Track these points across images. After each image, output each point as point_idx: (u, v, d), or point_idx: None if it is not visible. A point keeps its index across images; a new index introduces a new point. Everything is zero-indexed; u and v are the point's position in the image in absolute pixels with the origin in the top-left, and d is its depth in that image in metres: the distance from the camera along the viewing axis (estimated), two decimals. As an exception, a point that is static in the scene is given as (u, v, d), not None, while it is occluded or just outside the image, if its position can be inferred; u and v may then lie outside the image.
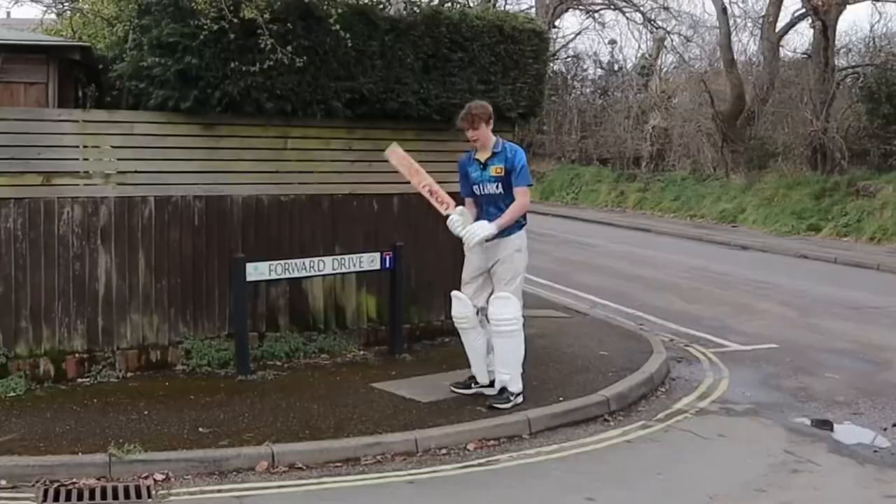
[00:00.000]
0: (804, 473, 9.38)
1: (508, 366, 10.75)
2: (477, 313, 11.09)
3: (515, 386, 10.79)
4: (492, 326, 10.86)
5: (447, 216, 11.10)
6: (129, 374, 12.14)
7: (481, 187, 11.14)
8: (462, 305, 11.11)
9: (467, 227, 10.89)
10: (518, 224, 11.08)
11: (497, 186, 11.00)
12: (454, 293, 11.29)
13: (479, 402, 10.89)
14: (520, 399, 10.76)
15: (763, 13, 39.14)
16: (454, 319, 11.23)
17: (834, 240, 29.45)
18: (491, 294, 11.03)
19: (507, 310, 10.72)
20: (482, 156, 11.11)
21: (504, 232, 10.90)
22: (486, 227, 10.79)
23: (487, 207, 11.10)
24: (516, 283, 11.04)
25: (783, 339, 15.51)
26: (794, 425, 10.96)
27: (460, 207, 11.17)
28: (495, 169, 10.97)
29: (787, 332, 16.05)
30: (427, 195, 11.36)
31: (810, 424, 11.05)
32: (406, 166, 11.63)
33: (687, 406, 11.67)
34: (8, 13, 23.18)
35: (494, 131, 14.12)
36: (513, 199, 10.94)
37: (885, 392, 12.38)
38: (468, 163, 11.34)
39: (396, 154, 11.67)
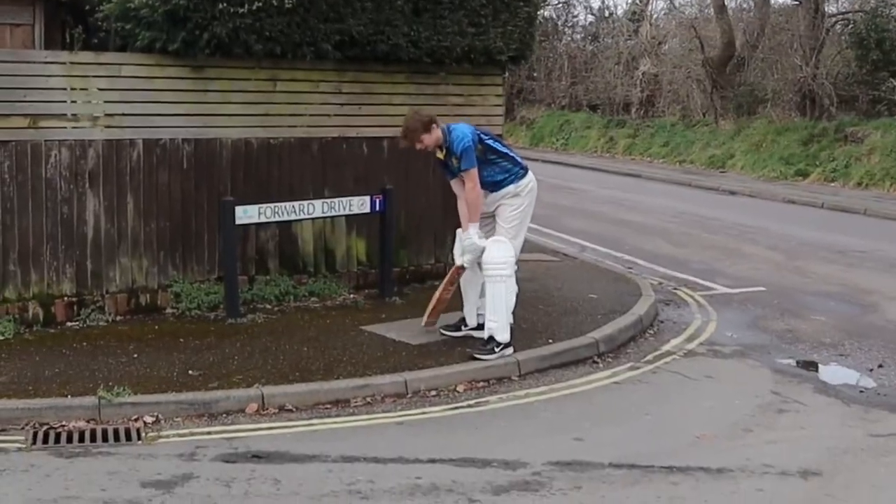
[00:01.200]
0: (790, 413, 9.43)
1: (497, 313, 10.50)
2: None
3: (502, 335, 10.53)
4: (483, 270, 10.69)
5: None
6: (119, 318, 12.11)
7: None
8: (506, 249, 10.74)
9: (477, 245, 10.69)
10: (515, 173, 10.88)
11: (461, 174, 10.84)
12: (458, 230, 11.08)
13: (469, 344, 10.85)
14: (508, 351, 10.57)
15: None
16: (489, 264, 10.57)
17: (821, 185, 29.44)
18: None
19: (498, 253, 10.52)
20: (441, 155, 10.92)
21: (502, 185, 10.79)
22: (472, 238, 10.65)
23: (486, 188, 10.80)
24: (512, 226, 10.84)
25: (770, 282, 15.53)
26: (781, 366, 10.99)
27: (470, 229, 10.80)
28: (455, 160, 10.69)
29: (774, 276, 16.07)
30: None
31: (796, 365, 11.10)
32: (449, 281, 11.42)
33: (675, 348, 11.68)
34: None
35: (484, 74, 14.11)
36: (493, 170, 10.81)
37: (871, 334, 12.43)
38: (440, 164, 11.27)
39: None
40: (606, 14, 52.17)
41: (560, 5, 52.17)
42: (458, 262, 11.00)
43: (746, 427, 8.99)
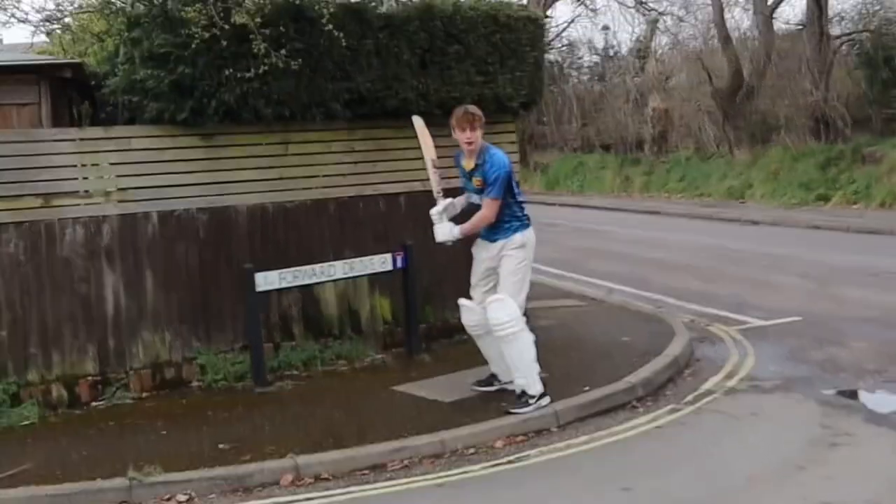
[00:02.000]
0: (842, 446, 9.16)
1: (520, 370, 10.33)
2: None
3: (534, 389, 10.31)
4: (494, 333, 10.42)
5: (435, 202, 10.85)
6: (145, 394, 12.03)
7: (469, 196, 10.95)
8: (470, 313, 10.85)
9: (440, 223, 10.65)
10: (521, 223, 10.72)
11: (480, 198, 10.65)
12: (461, 301, 11.00)
13: (504, 398, 10.69)
14: (545, 401, 10.32)
15: (755, -14, 39.01)
16: (465, 327, 10.89)
17: (844, 208, 29.28)
18: None
19: (501, 313, 10.24)
20: (468, 164, 10.73)
21: (507, 231, 10.61)
22: (450, 232, 10.60)
23: (495, 234, 10.73)
24: (516, 279, 10.60)
25: (805, 311, 15.29)
26: (826, 398, 10.75)
27: (448, 200, 10.86)
28: (476, 181, 10.60)
29: (807, 304, 15.83)
30: (430, 170, 11.10)
31: (842, 395, 10.86)
32: (423, 135, 11.40)
33: (715, 386, 11.47)
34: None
35: (496, 122, 14.02)
36: (505, 213, 10.66)
37: (915, 356, 12.21)
38: (458, 163, 11.01)
39: (418, 122, 11.51)
40: (611, 53, 52.44)
41: (564, 48, 52.43)
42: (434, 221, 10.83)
43: (799, 464, 8.74)
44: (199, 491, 8.76)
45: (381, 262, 12.94)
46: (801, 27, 38.44)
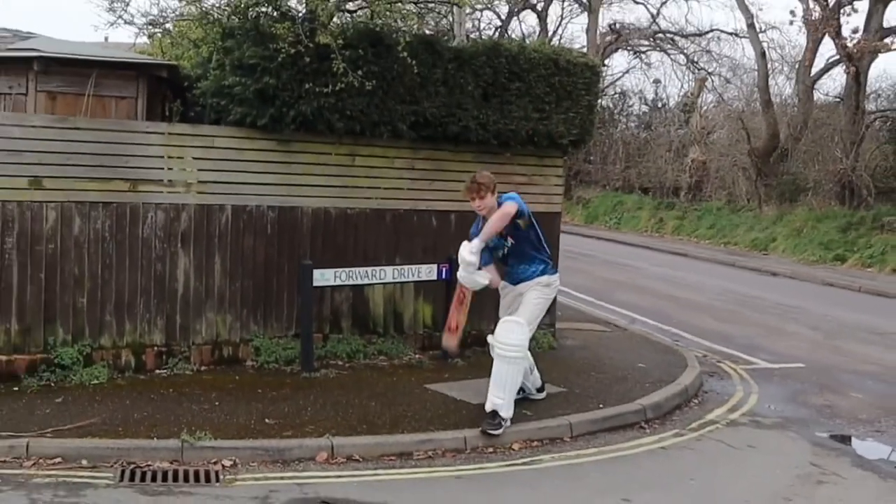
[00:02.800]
0: (829, 485, 9.22)
1: (504, 390, 9.93)
2: None
3: (507, 412, 9.95)
4: (496, 349, 10.05)
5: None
6: (203, 368, 12.19)
7: (497, 252, 10.53)
8: (522, 332, 10.15)
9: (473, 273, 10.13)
10: (547, 265, 10.58)
11: (507, 240, 10.32)
12: (490, 339, 10.35)
13: (525, 405, 10.77)
14: (508, 423, 9.96)
15: (799, 58, 38.88)
16: (503, 345, 9.98)
17: (858, 270, 29.05)
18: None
19: (514, 335, 9.97)
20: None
21: (532, 275, 10.40)
22: (471, 244, 9.98)
23: (512, 263, 10.58)
24: (536, 308, 10.39)
25: (810, 359, 15.29)
26: (819, 439, 10.78)
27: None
28: (503, 233, 10.23)
29: (813, 353, 15.81)
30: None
31: (834, 439, 10.89)
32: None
33: (718, 417, 11.51)
34: (105, 37, 23.43)
35: (546, 156, 14.09)
36: (527, 247, 10.43)
37: (907, 412, 12.20)
38: (476, 231, 10.41)
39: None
40: (660, 105, 52.29)
41: (616, 95, 52.38)
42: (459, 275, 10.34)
43: (786, 497, 8.79)
44: (243, 459, 8.90)
45: (428, 272, 13.09)
46: (838, 100, 38.24)
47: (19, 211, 11.15)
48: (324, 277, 12.24)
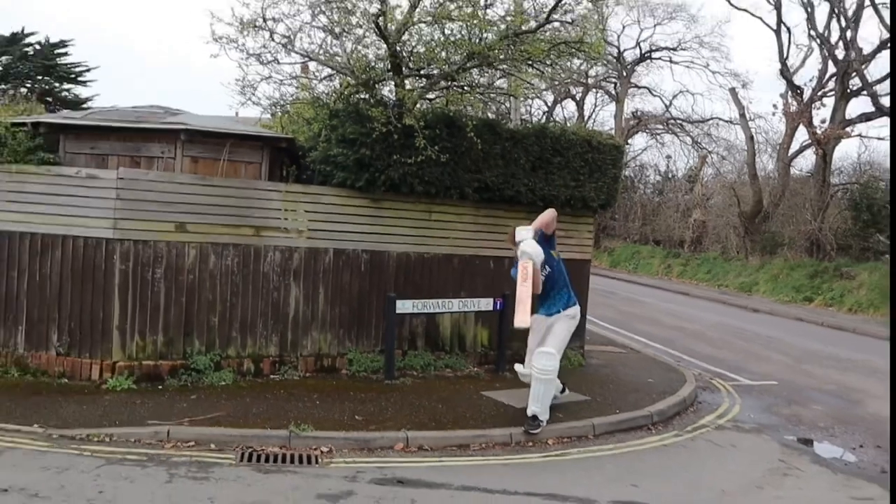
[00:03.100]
0: (792, 477, 9.11)
1: (539, 402, 9.92)
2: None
3: (544, 416, 9.97)
4: (534, 372, 9.99)
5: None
6: (307, 375, 12.13)
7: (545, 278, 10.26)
8: (524, 378, 10.35)
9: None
10: (571, 299, 10.44)
11: (545, 268, 10.11)
12: (517, 367, 10.51)
13: (558, 409, 10.64)
14: (545, 424, 9.92)
15: (780, 141, 38.52)
16: (539, 370, 9.92)
17: (822, 309, 28.52)
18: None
19: (549, 363, 9.91)
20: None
21: (562, 306, 10.30)
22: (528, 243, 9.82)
23: (548, 289, 10.27)
24: (563, 337, 10.32)
25: (782, 378, 15.00)
26: (787, 441, 10.64)
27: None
28: (521, 264, 9.84)
29: (785, 374, 15.50)
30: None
31: (798, 441, 10.73)
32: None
33: (708, 423, 11.34)
34: (236, 112, 23.70)
35: (581, 216, 13.91)
36: (559, 278, 10.33)
37: (856, 422, 11.93)
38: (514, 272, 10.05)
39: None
40: (670, 176, 51.97)
41: (636, 167, 52.11)
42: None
43: (759, 485, 8.71)
44: (337, 446, 8.86)
45: (486, 304, 12.97)
46: (809, 174, 37.77)
47: (167, 249, 11.19)
48: (404, 306, 12.19)
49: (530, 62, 12.39)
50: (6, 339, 11.13)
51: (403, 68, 12.29)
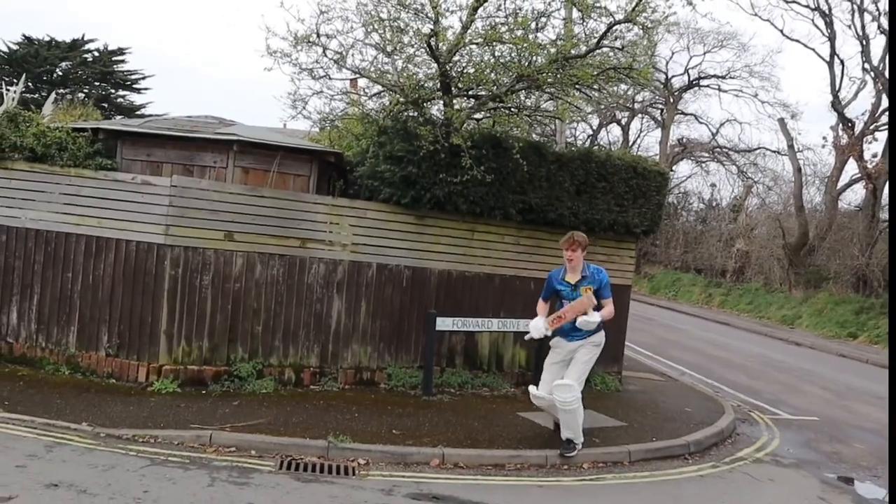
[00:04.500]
0: (833, 516, 9.04)
1: (571, 429, 9.84)
2: (551, 392, 10.05)
3: (579, 440, 9.93)
4: (557, 404, 9.77)
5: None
6: (346, 387, 12.32)
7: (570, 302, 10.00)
8: (539, 401, 10.19)
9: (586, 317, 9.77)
10: (600, 326, 9.97)
11: (587, 299, 9.82)
12: (531, 390, 10.25)
13: (594, 433, 10.72)
14: (580, 447, 9.92)
15: (828, 174, 38.32)
16: (562, 402, 9.72)
17: (867, 346, 28.29)
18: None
19: (568, 395, 9.67)
20: (572, 278, 9.95)
21: (587, 333, 9.91)
22: (593, 316, 9.74)
23: (575, 318, 9.92)
24: (585, 367, 10.05)
25: (823, 414, 14.94)
26: (827, 479, 10.52)
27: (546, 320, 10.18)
28: (585, 290, 9.82)
29: (826, 410, 15.43)
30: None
31: (839, 480, 10.60)
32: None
33: (746, 455, 11.29)
34: (284, 124, 24.06)
35: (623, 241, 14.01)
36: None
37: (900, 463, 11.81)
38: (557, 280, 10.14)
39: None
40: (714, 204, 51.74)
41: (680, 194, 51.93)
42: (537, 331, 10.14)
43: (796, 521, 8.67)
44: (374, 459, 9.00)
45: (525, 325, 13.00)
46: (858, 209, 37.53)
47: (215, 257, 11.46)
48: (444, 323, 12.35)
49: (578, 86, 12.53)
50: (59, 338, 11.48)
51: (453, 88, 12.47)
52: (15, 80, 23.42)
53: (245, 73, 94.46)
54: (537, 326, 10.16)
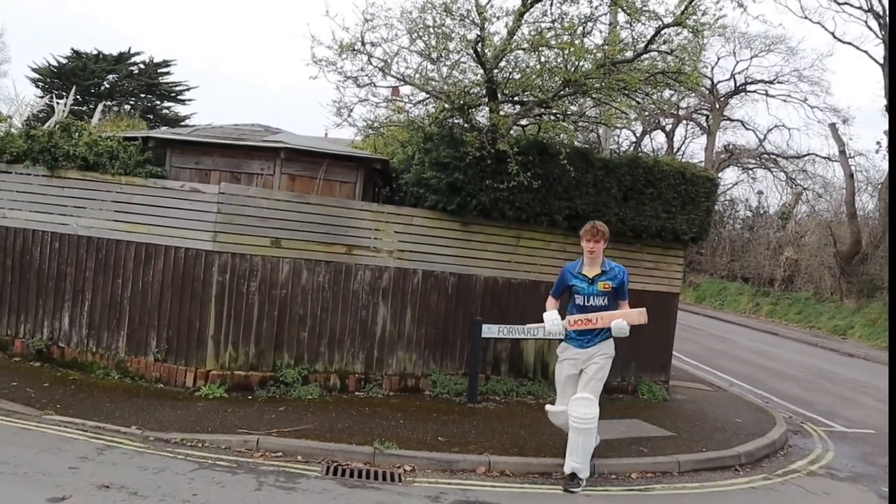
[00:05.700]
0: (890, 531, 8.89)
1: (580, 456, 8.99)
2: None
3: (584, 474, 9.08)
4: (572, 422, 9.01)
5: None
6: (391, 393, 12.41)
7: (587, 299, 9.23)
8: (556, 417, 9.46)
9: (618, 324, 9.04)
10: (610, 333, 9.18)
11: (604, 300, 9.16)
12: (548, 408, 9.55)
13: (642, 443, 10.72)
14: (585, 483, 9.07)
15: (882, 180, 37.86)
16: (579, 419, 8.96)
17: (923, 357, 27.91)
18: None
19: (591, 411, 8.96)
20: (590, 272, 9.23)
21: (604, 337, 9.21)
22: (622, 324, 9.01)
23: (599, 338, 9.23)
24: (601, 381, 9.20)
25: (879, 426, 14.76)
26: (884, 493, 10.33)
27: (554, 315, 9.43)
28: (603, 285, 9.14)
29: (882, 422, 15.21)
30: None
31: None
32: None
33: (800, 468, 11.20)
34: (325, 132, 24.30)
35: (671, 248, 13.95)
36: (612, 309, 9.23)
37: (960, 479, 11.65)
38: (573, 273, 9.36)
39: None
40: (761, 211, 51.31)
41: (726, 202, 51.57)
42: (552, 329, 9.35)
43: (853, 537, 8.56)
44: (420, 466, 9.06)
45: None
46: (912, 215, 37.12)
47: (262, 263, 11.60)
48: (490, 331, 12.34)
49: (625, 91, 12.55)
50: (109, 343, 11.70)
51: (499, 94, 12.53)
52: (65, 94, 23.92)
53: (275, 82, 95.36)
54: (554, 321, 9.34)
